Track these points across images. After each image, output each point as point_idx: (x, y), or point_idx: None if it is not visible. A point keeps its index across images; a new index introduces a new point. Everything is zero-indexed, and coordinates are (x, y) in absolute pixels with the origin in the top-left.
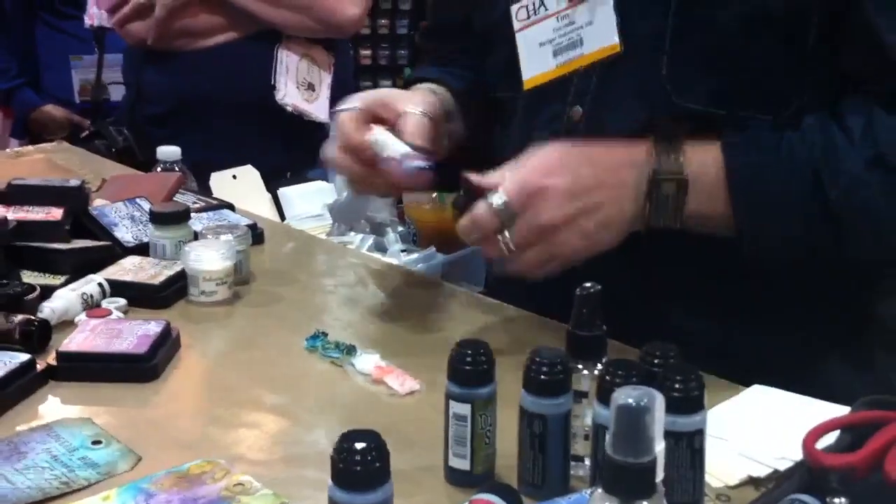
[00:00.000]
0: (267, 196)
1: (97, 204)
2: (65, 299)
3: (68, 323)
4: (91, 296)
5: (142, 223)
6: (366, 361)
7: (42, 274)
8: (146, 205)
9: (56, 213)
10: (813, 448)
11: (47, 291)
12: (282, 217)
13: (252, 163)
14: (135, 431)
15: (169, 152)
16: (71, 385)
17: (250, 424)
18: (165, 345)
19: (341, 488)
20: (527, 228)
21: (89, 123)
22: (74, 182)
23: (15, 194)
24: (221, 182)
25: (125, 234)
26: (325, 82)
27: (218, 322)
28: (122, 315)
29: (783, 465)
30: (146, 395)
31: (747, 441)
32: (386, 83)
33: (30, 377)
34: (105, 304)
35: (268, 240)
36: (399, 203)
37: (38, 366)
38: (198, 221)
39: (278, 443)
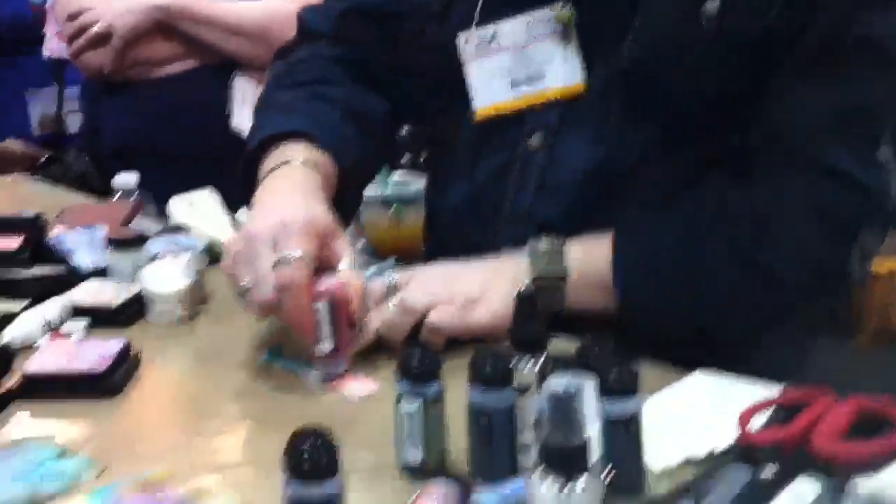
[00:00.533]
0: (226, 219)
1: (55, 233)
2: (26, 324)
3: (30, 347)
4: (52, 320)
5: (100, 249)
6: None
7: (2, 301)
8: (103, 231)
9: (14, 243)
10: (746, 427)
11: (8, 318)
12: None
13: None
14: (98, 446)
15: (125, 180)
16: (34, 405)
17: (212, 433)
18: (125, 362)
19: (293, 481)
20: (410, 291)
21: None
22: (30, 212)
23: None
24: (179, 208)
25: (83, 260)
26: None
27: (177, 340)
28: (83, 337)
29: (721, 445)
30: (109, 411)
31: (687, 424)
32: None
33: None
34: (66, 328)
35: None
36: (357, 219)
37: (1, 389)
38: (155, 244)
39: (240, 449)
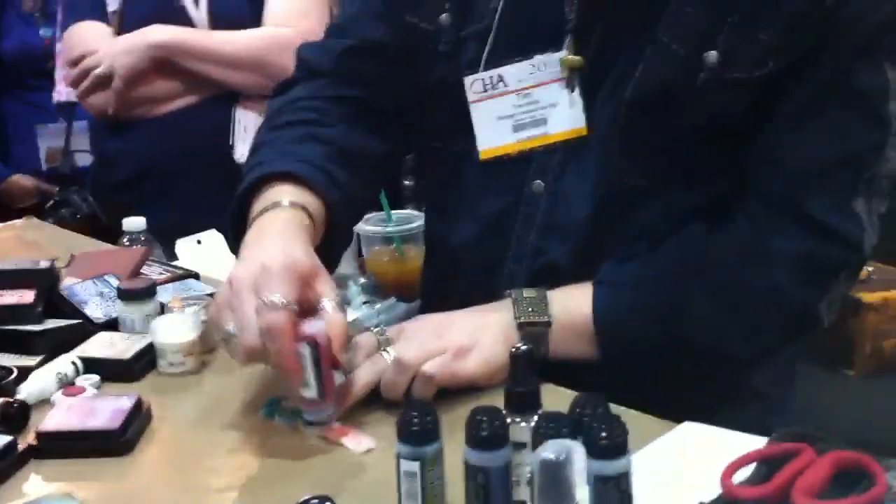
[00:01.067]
0: (232, 258)
1: (67, 282)
2: (41, 380)
3: (45, 401)
4: (65, 374)
5: (110, 299)
6: (321, 426)
7: (18, 356)
8: (114, 281)
9: (28, 297)
10: (729, 481)
11: (24, 373)
12: None
13: (217, 222)
14: (114, 503)
15: (134, 223)
16: (51, 462)
17: (220, 489)
18: (138, 418)
19: None
20: (403, 343)
21: (57, 191)
22: (44, 263)
23: None
24: (186, 248)
25: (95, 311)
26: None
27: (187, 392)
28: (96, 391)
29: (707, 499)
30: (122, 468)
31: (675, 478)
32: None
33: (12, 458)
34: (79, 382)
35: None
36: (360, 255)
37: (20, 446)
38: (164, 293)
39: None
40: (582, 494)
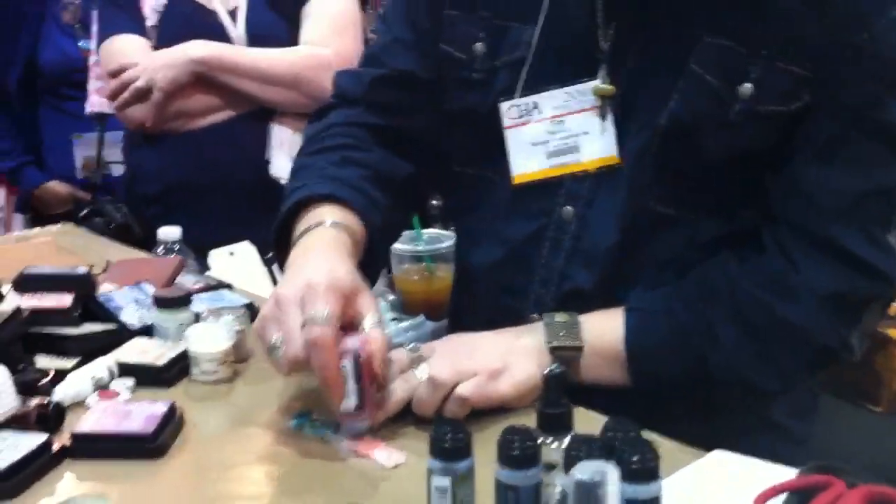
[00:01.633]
0: (264, 270)
1: (104, 289)
2: (76, 382)
3: (80, 404)
4: (101, 378)
5: (146, 307)
6: (352, 439)
7: (54, 358)
8: (150, 289)
9: (66, 300)
10: None
11: (60, 375)
12: None
13: (247, 236)
14: None
15: (169, 233)
16: (85, 464)
17: (249, 498)
18: (170, 424)
19: None
20: (436, 360)
21: (90, 199)
22: (82, 269)
23: (27, 283)
24: (219, 259)
25: (130, 318)
26: None
27: (219, 400)
28: (130, 395)
29: None
30: (154, 472)
31: None
32: None
33: (46, 457)
34: (114, 386)
35: None
36: (388, 272)
37: (55, 446)
38: (198, 302)
39: None
40: None
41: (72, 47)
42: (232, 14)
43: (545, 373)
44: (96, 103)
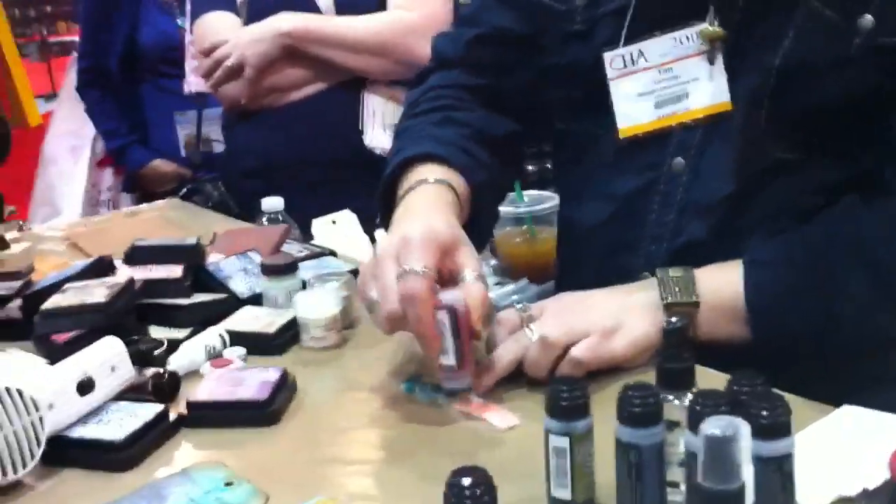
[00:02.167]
0: (365, 238)
1: (212, 259)
2: (190, 352)
3: (194, 373)
4: (213, 347)
5: (254, 275)
6: (464, 401)
7: (167, 328)
8: (257, 257)
9: (177, 271)
10: None
11: (173, 345)
12: None
13: (347, 205)
14: (260, 473)
15: (272, 203)
16: (201, 431)
17: (363, 462)
18: (283, 390)
19: None
20: (548, 316)
21: (192, 176)
22: (191, 240)
23: (138, 255)
24: (322, 228)
25: (240, 287)
26: None
27: (329, 365)
28: (243, 363)
29: (872, 484)
30: (269, 438)
31: (837, 462)
32: None
33: (164, 426)
34: (226, 354)
35: None
36: (491, 236)
37: (171, 415)
38: (304, 270)
39: (390, 481)
40: (747, 473)
41: (170, 26)
42: None
43: (665, 326)
44: (193, 83)
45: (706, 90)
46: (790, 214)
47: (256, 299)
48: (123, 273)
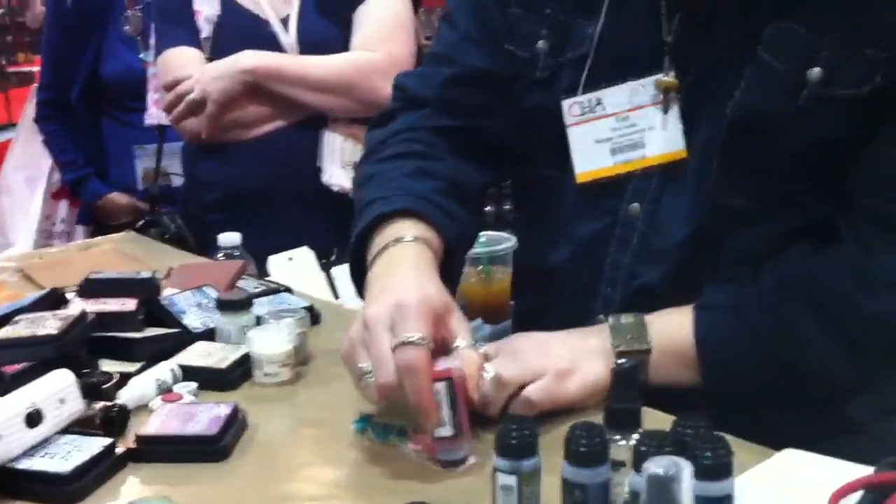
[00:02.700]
0: (321, 276)
1: (167, 293)
2: (140, 386)
3: (144, 407)
4: (164, 381)
5: (208, 310)
6: (417, 440)
7: (119, 362)
8: (212, 292)
9: (130, 304)
10: None
11: (124, 378)
12: (336, 295)
13: (304, 243)
14: None
15: (229, 239)
16: (149, 466)
17: (314, 499)
18: (234, 426)
19: None
20: (504, 358)
21: (150, 209)
22: (146, 274)
23: (92, 288)
24: (278, 264)
25: (193, 322)
26: None
27: (282, 402)
28: (194, 398)
29: None
30: (219, 474)
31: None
32: None
33: (111, 460)
34: (177, 389)
35: (324, 321)
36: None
37: (119, 449)
38: (259, 306)
39: None
40: None
41: (134, 60)
42: (284, 22)
43: (613, 367)
44: (155, 115)
45: (661, 139)
46: (746, 262)
47: (210, 334)
48: (77, 305)
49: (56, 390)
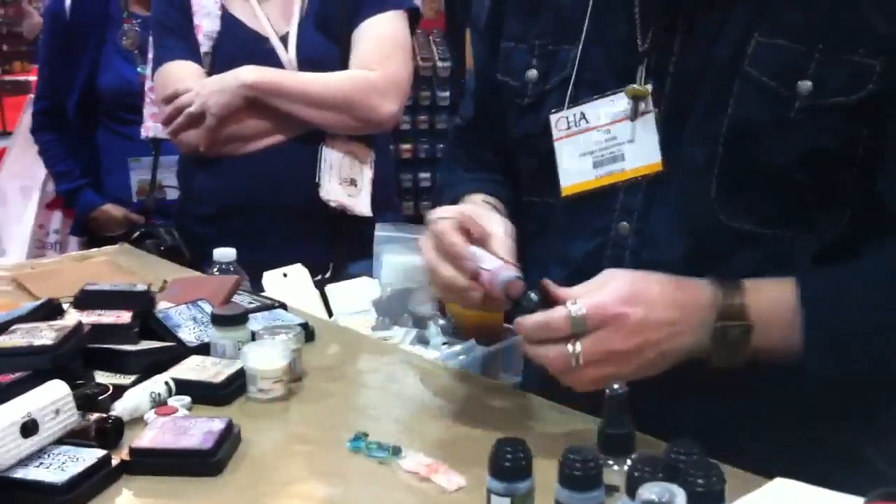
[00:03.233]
0: (315, 293)
1: (162, 306)
2: (135, 398)
3: (138, 419)
4: (158, 394)
5: (203, 324)
6: (412, 461)
7: (113, 374)
8: (207, 307)
9: (125, 317)
10: None
11: (119, 391)
12: (329, 312)
13: (299, 258)
14: None
15: (224, 254)
16: (143, 478)
17: None
18: (228, 440)
19: None
20: (596, 348)
21: (144, 223)
22: (141, 287)
23: (88, 299)
24: (273, 281)
25: (188, 336)
26: (367, 177)
27: (275, 418)
28: (188, 412)
29: None
30: (212, 489)
31: None
32: (425, 175)
33: (106, 471)
34: (171, 402)
35: (318, 338)
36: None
37: (113, 461)
38: (254, 321)
39: None
40: None
41: (130, 72)
42: (283, 39)
43: (607, 393)
44: (151, 128)
45: (639, 151)
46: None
47: (205, 349)
48: (72, 316)
49: (51, 401)
